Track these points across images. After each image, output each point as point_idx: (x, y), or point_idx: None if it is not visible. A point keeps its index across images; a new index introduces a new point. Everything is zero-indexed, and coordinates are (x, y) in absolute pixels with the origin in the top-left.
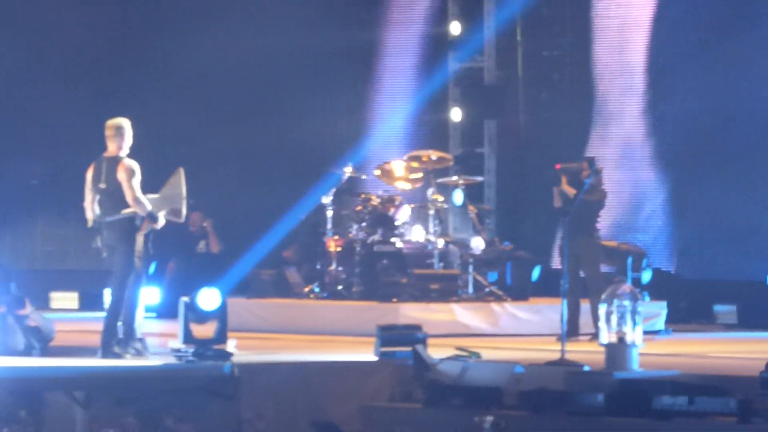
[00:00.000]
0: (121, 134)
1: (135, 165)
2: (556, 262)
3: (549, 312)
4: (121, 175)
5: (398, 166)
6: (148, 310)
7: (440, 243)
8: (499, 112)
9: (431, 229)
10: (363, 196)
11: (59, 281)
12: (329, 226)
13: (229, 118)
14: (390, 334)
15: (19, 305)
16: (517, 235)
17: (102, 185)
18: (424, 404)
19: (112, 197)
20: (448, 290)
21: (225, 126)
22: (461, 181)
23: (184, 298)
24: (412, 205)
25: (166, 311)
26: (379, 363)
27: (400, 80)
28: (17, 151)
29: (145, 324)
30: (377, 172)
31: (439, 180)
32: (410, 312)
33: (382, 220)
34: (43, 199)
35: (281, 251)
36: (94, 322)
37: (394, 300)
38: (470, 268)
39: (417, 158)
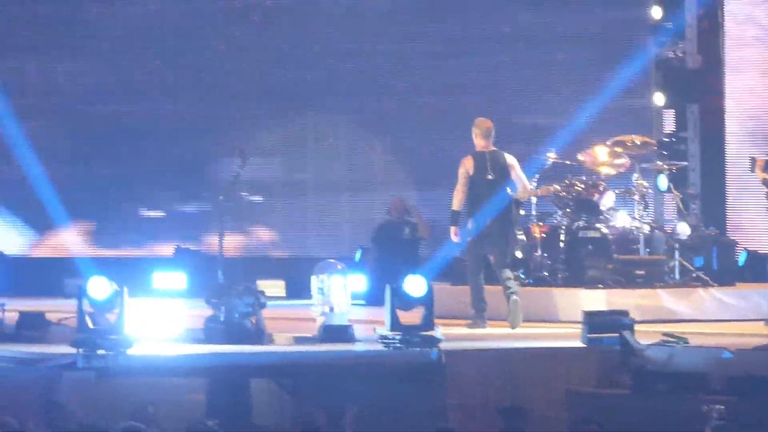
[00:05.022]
0: (492, 134)
1: None
2: (764, 247)
3: (757, 297)
4: (512, 167)
5: (602, 152)
6: (355, 297)
7: (645, 228)
8: (702, 96)
9: (636, 214)
10: (567, 181)
11: (266, 269)
12: (533, 212)
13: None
14: (597, 320)
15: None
16: (723, 220)
17: (490, 176)
18: (631, 390)
19: (499, 186)
20: (653, 276)
21: (425, 113)
22: (665, 166)
23: (391, 285)
24: (617, 191)
25: (373, 298)
26: (586, 349)
27: (602, 65)
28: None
29: (352, 311)
30: (581, 158)
31: (643, 165)
32: (616, 298)
33: (587, 206)
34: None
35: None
36: (301, 309)
37: (600, 286)
38: (676, 254)
39: (621, 143)
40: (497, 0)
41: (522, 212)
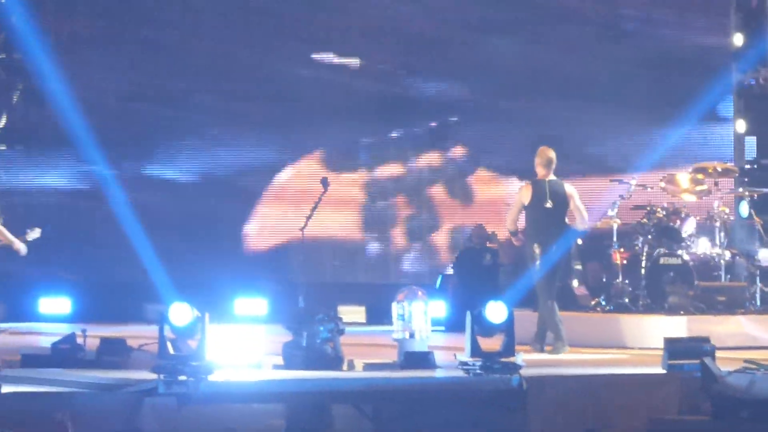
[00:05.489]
0: (553, 164)
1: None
2: None
3: None
4: (571, 197)
5: (683, 178)
6: (435, 323)
7: (726, 255)
8: None
9: (717, 241)
10: (648, 208)
11: (347, 295)
12: (614, 238)
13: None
14: (678, 347)
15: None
16: None
17: (548, 204)
18: (712, 417)
19: (558, 215)
20: (735, 302)
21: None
22: (747, 193)
23: (471, 312)
24: (698, 217)
25: (453, 325)
26: (667, 375)
27: (684, 92)
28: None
29: (432, 337)
30: (662, 184)
31: (725, 192)
32: (697, 324)
33: (668, 233)
34: (333, 215)
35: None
36: (381, 335)
37: (681, 312)
38: (757, 280)
39: (702, 170)
40: (579, 28)
41: (579, 242)
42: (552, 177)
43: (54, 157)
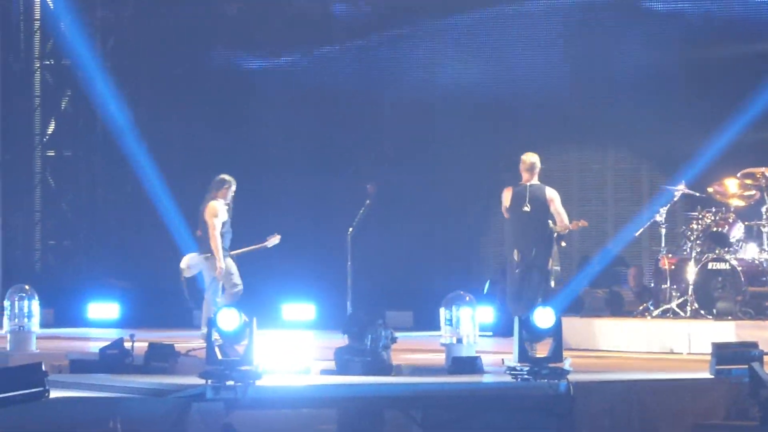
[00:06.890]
0: (536, 168)
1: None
2: None
3: None
4: (551, 201)
5: (732, 184)
6: (483, 328)
7: None
8: None
9: (766, 246)
10: (696, 213)
11: (393, 300)
12: (663, 244)
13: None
14: (726, 352)
15: None
16: None
17: (526, 208)
18: (760, 422)
19: (536, 219)
20: None
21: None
22: None
23: (519, 317)
24: (746, 223)
25: (501, 330)
26: (715, 381)
27: (733, 97)
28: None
29: (480, 342)
30: (710, 190)
31: None
32: (745, 330)
33: (716, 238)
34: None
35: (614, 269)
36: (428, 340)
37: (729, 318)
38: None
39: (751, 175)
40: (629, 39)
41: (563, 244)
42: (534, 182)
43: (102, 164)
